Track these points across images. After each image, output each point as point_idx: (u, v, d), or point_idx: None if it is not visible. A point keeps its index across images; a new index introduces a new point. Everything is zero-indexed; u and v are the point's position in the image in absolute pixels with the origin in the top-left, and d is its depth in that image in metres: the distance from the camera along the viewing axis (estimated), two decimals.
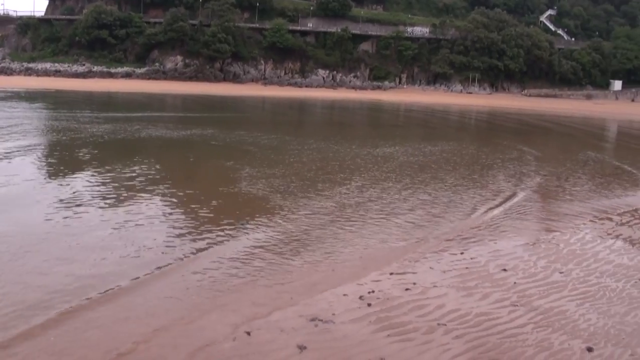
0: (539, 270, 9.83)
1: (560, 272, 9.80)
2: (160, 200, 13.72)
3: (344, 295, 8.19)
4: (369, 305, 7.88)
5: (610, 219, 14.18)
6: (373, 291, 8.36)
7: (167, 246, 10.12)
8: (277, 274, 8.98)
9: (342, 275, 9.02)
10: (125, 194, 14.00)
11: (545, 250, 11.06)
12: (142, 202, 13.28)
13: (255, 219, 12.16)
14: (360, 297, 8.12)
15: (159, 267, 9.02)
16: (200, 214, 12.48)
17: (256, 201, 13.90)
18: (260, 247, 10.28)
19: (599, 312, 8.20)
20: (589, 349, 7.03)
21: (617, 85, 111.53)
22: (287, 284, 8.54)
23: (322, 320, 7.33)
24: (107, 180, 15.66)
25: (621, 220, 14.17)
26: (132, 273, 8.70)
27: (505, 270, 9.72)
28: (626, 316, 8.12)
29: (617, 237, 12.51)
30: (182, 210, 12.85)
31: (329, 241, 10.86)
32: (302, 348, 6.61)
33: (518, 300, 8.40)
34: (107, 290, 8.04)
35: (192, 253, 9.84)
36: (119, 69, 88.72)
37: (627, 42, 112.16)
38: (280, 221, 12.08)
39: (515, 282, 9.14)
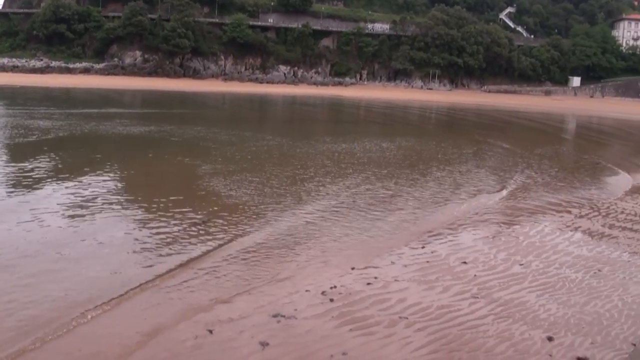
0: (499, 263, 9.99)
1: (520, 264, 9.98)
2: (119, 197, 13.51)
3: (307, 291, 8.19)
4: (332, 300, 7.90)
5: (569, 212, 14.48)
6: (335, 286, 8.38)
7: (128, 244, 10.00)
8: (238, 270, 8.92)
9: (304, 271, 9.02)
10: (84, 192, 13.77)
11: (505, 243, 11.25)
12: (100, 198, 13.07)
13: (216, 216, 12.06)
14: (323, 293, 8.13)
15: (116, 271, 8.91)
16: (159, 212, 12.30)
17: (216, 199, 13.78)
18: (222, 244, 10.21)
19: (559, 302, 8.37)
20: (550, 339, 7.16)
21: (576, 81, 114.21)
22: (248, 281, 8.50)
23: (284, 316, 7.32)
24: (65, 179, 15.38)
25: (580, 212, 14.48)
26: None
27: (465, 263, 9.85)
28: (586, 306, 8.30)
29: (576, 229, 12.79)
30: (140, 208, 12.66)
31: (290, 238, 10.84)
32: (264, 345, 6.59)
33: (479, 293, 8.52)
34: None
35: (149, 257, 9.71)
36: (78, 65, 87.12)
37: (585, 39, 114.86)
38: (241, 218, 12.01)
39: (475, 275, 9.26)
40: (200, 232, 10.89)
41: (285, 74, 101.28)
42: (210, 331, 6.86)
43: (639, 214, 14.68)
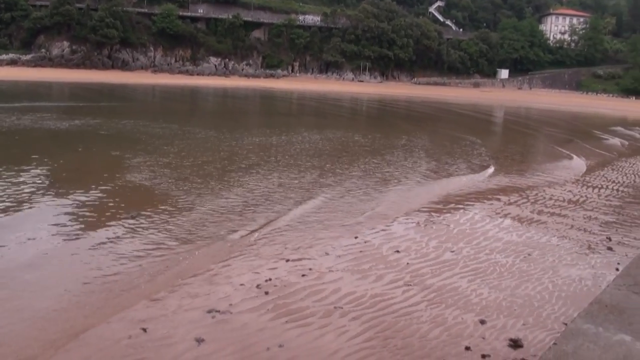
0: (430, 250, 10.18)
1: (452, 251, 10.20)
2: (47, 192, 13.02)
3: (241, 285, 8.11)
4: (266, 293, 7.85)
5: (499, 199, 14.89)
6: (270, 279, 8.34)
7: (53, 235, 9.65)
8: (171, 266, 8.75)
9: (238, 265, 8.92)
10: (10, 190, 13.20)
11: (436, 231, 11.46)
12: (27, 195, 12.56)
13: (147, 210, 11.80)
14: (258, 286, 8.08)
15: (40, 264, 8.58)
16: (89, 205, 11.96)
17: (146, 192, 13.50)
18: (153, 239, 9.99)
19: (491, 286, 8.60)
20: (482, 322, 7.35)
21: (504, 74, 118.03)
22: (181, 277, 8.35)
23: (219, 311, 7.23)
24: None
25: (509, 199, 14.91)
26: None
27: (398, 251, 9.98)
28: (517, 289, 8.57)
29: (505, 215, 13.17)
30: (69, 202, 12.24)
31: (222, 230, 10.71)
32: (200, 341, 6.50)
33: (411, 280, 8.65)
34: None
35: (77, 247, 9.41)
36: (4, 56, 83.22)
37: (513, 33, 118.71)
38: (171, 212, 11.78)
39: (408, 263, 9.41)
40: (130, 226, 10.62)
41: (216, 65, 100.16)
42: (144, 330, 6.70)
43: (567, 200, 15.27)
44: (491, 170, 19.87)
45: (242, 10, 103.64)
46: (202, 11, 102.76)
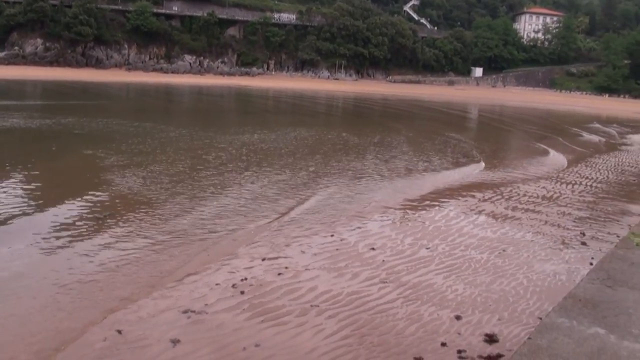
0: (406, 247, 10.19)
1: (427, 248, 10.23)
2: (20, 190, 12.81)
3: (217, 284, 8.05)
4: (242, 292, 7.79)
5: (473, 196, 14.98)
6: (246, 278, 8.28)
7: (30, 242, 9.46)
8: (146, 266, 8.65)
9: (214, 265, 8.84)
10: None
11: (411, 228, 11.49)
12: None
13: (120, 209, 11.66)
14: (233, 285, 8.02)
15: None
16: (62, 205, 11.78)
17: (121, 192, 13.32)
18: (126, 240, 9.86)
19: (466, 282, 8.64)
20: (458, 317, 7.38)
21: (478, 72, 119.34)
22: (156, 277, 8.26)
23: (194, 312, 7.16)
24: None
25: (483, 196, 15.02)
26: None
27: (374, 249, 9.98)
28: (492, 284, 8.62)
29: (480, 212, 13.25)
30: (43, 202, 12.06)
31: (196, 231, 10.60)
32: (175, 342, 6.42)
33: (387, 277, 8.66)
34: None
35: (51, 249, 9.26)
36: None
37: (487, 31, 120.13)
38: (144, 212, 11.65)
39: (384, 260, 9.41)
40: (103, 226, 10.49)
41: (190, 63, 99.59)
42: (119, 332, 6.61)
43: (541, 196, 15.42)
44: (467, 167, 20.00)
45: (217, 7, 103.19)
46: (176, 8, 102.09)
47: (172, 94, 57.41)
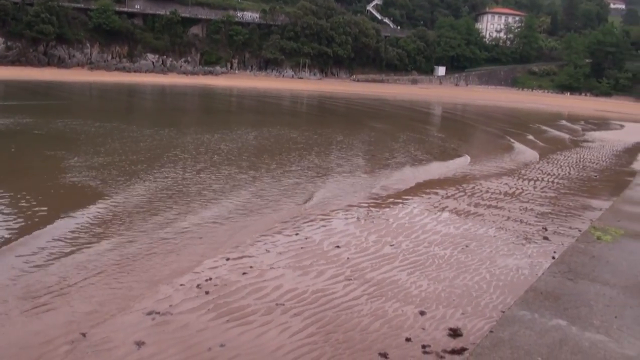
0: (370, 245, 10.23)
1: (391, 245, 10.28)
2: None
3: (181, 285, 7.96)
4: (207, 293, 7.73)
5: (436, 193, 15.10)
6: (210, 278, 8.22)
7: None
8: (108, 268, 8.50)
9: (178, 266, 8.74)
10: None
11: (375, 226, 11.53)
12: None
13: (84, 212, 11.45)
14: (198, 286, 7.94)
15: None
16: (23, 206, 11.52)
17: (83, 192, 13.10)
18: (89, 241, 9.70)
19: (430, 278, 8.71)
20: (422, 313, 7.44)
21: (441, 71, 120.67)
22: (119, 279, 8.12)
23: (159, 313, 7.08)
24: None
25: (446, 193, 15.15)
26: None
27: (338, 247, 10.00)
28: (455, 280, 8.71)
29: (443, 209, 13.36)
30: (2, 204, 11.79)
31: (160, 232, 10.45)
32: (140, 344, 6.34)
33: (352, 275, 8.68)
34: None
35: (9, 250, 9.05)
36: None
37: (450, 31, 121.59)
38: (110, 215, 11.47)
39: (348, 258, 9.43)
40: (68, 228, 10.29)
41: (153, 62, 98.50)
42: (84, 335, 6.48)
43: (503, 192, 15.62)
44: (432, 164, 20.18)
45: (180, 6, 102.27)
46: (139, 7, 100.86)
47: (135, 94, 56.68)
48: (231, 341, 6.51)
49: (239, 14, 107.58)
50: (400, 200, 14.02)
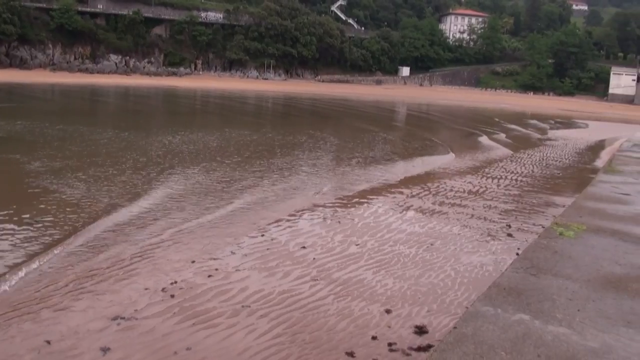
0: (336, 245, 10.26)
1: (357, 245, 10.32)
2: None
3: (146, 289, 7.86)
4: (172, 296, 7.65)
5: (401, 192, 15.21)
6: (176, 282, 8.13)
7: None
8: (73, 274, 8.35)
9: (143, 270, 8.63)
10: None
11: (341, 226, 11.56)
12: None
13: (45, 216, 11.24)
14: (163, 289, 7.86)
15: None
16: None
17: (45, 197, 12.85)
18: (51, 246, 9.52)
19: (395, 277, 8.77)
20: (388, 311, 7.48)
21: (405, 71, 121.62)
22: (83, 285, 7.99)
23: (124, 318, 6.98)
24: None
25: (411, 192, 15.26)
26: None
27: (304, 247, 10.00)
28: (420, 278, 8.78)
29: (408, 208, 13.47)
30: None
31: (122, 236, 10.30)
32: (105, 350, 6.24)
33: (318, 275, 8.69)
34: None
35: None
36: None
37: (414, 32, 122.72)
38: (69, 217, 11.28)
39: (314, 258, 9.44)
40: (30, 232, 10.10)
41: (116, 63, 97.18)
42: (48, 342, 6.36)
43: (467, 190, 15.80)
44: (397, 163, 20.32)
45: (143, 6, 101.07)
46: (101, 7, 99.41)
47: (98, 96, 55.88)
48: (197, 344, 6.46)
49: (202, 14, 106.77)
50: (365, 200, 14.08)
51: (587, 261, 5.97)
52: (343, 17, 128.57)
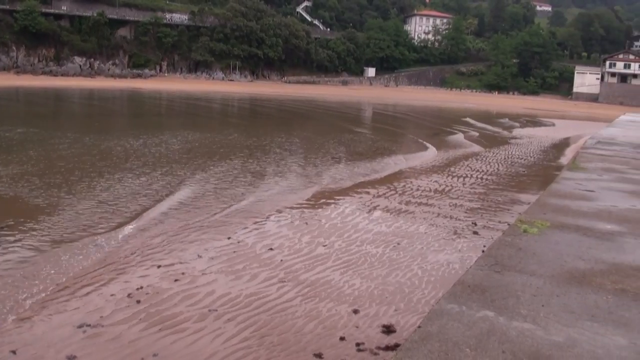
0: (303, 246, 10.26)
1: (324, 246, 10.34)
2: None
3: (112, 295, 7.77)
4: (138, 302, 7.57)
5: (368, 192, 15.26)
6: (142, 287, 8.04)
7: None
8: (37, 281, 8.20)
9: (107, 275, 8.50)
10: None
11: (308, 227, 11.57)
12: None
13: (13, 221, 11.00)
14: (129, 295, 7.77)
15: None
16: None
17: (9, 203, 12.60)
18: (19, 252, 9.36)
19: (362, 277, 8.81)
20: (355, 311, 7.51)
21: (371, 72, 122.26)
22: (48, 293, 7.84)
23: (90, 325, 6.89)
24: None
25: (378, 192, 15.33)
26: None
27: (272, 249, 9.98)
28: (388, 277, 8.84)
29: (374, 208, 13.53)
30: None
31: (86, 240, 10.16)
32: (71, 358, 6.16)
33: (285, 277, 8.69)
34: None
35: None
36: None
37: (379, 33, 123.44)
38: (36, 223, 11.07)
39: (282, 260, 9.43)
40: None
41: (81, 65, 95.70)
42: (14, 352, 6.24)
43: (433, 189, 15.92)
44: (362, 163, 20.39)
45: (107, 7, 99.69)
46: (65, 8, 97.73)
47: (62, 99, 54.97)
48: (164, 350, 6.41)
49: (167, 16, 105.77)
50: (332, 201, 14.11)
51: (551, 257, 6.04)
52: (309, 18, 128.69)
